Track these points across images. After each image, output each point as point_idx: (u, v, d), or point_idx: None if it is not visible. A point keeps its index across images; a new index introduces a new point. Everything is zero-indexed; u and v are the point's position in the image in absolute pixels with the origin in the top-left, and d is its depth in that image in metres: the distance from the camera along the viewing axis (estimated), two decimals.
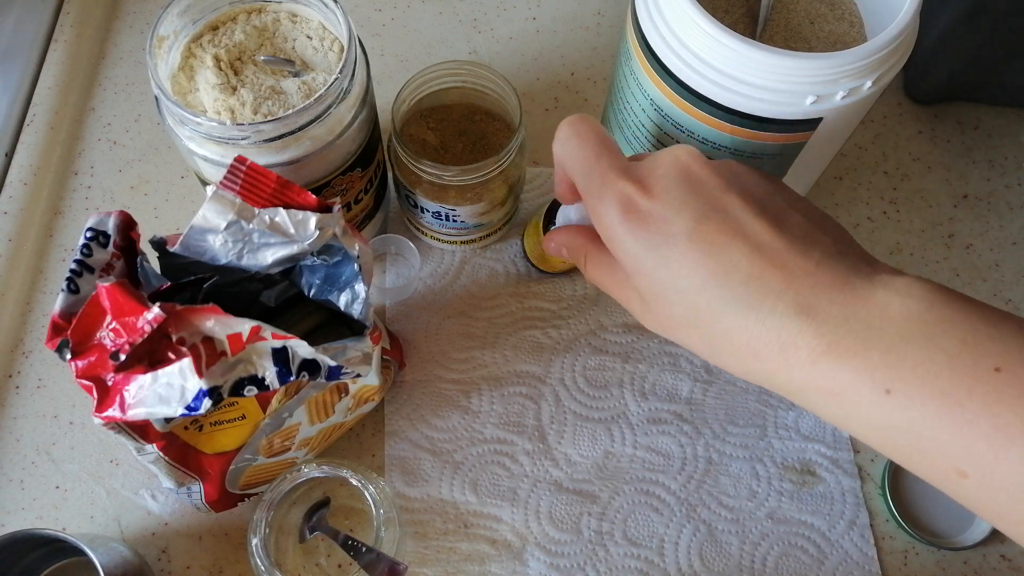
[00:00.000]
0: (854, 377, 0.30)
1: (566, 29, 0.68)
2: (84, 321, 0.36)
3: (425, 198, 0.51)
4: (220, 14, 0.46)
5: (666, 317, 0.35)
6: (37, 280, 0.57)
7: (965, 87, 0.63)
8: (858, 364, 0.29)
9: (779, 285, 0.31)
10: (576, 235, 0.41)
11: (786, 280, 0.31)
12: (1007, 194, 0.63)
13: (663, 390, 0.55)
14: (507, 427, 0.53)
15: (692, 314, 0.33)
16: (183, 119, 0.41)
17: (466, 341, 0.56)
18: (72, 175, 0.61)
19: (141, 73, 0.65)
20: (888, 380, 0.29)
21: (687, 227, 0.32)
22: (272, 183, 0.38)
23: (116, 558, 0.44)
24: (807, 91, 0.40)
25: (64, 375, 0.54)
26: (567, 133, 0.37)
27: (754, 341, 0.32)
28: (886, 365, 0.29)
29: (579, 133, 0.37)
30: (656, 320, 0.36)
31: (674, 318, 0.34)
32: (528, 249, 0.56)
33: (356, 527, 0.50)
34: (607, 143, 0.37)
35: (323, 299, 0.44)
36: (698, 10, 0.40)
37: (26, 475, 0.52)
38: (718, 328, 0.32)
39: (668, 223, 0.33)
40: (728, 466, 0.53)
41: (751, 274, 0.31)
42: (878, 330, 0.30)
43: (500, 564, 0.50)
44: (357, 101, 0.45)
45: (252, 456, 0.45)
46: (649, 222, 0.33)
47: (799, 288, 0.31)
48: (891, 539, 0.52)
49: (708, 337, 0.33)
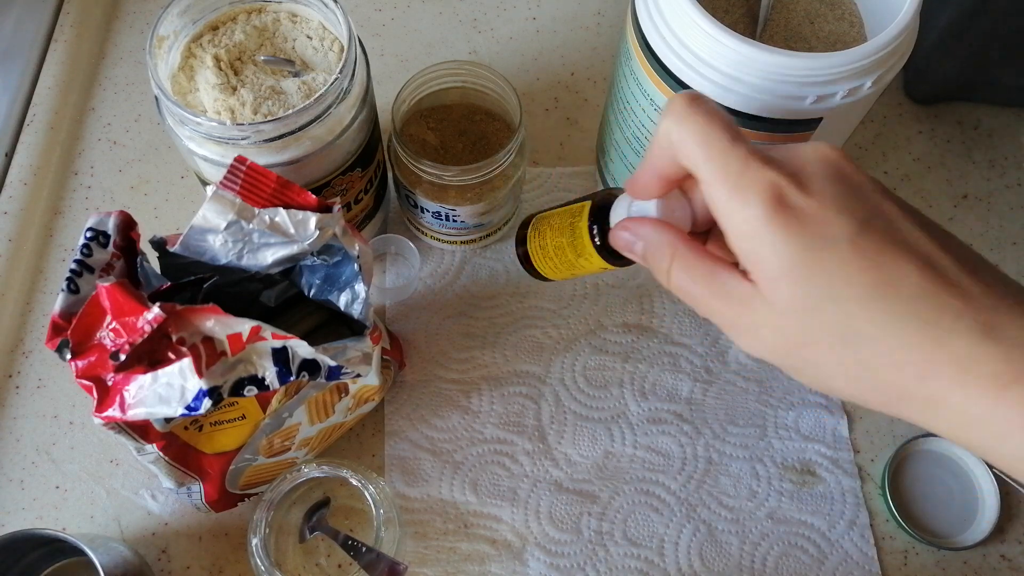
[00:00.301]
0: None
1: (566, 29, 0.68)
2: (84, 321, 0.36)
3: (425, 198, 0.51)
4: (220, 14, 0.46)
5: (803, 333, 0.30)
6: (37, 280, 0.57)
7: (965, 87, 0.63)
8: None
9: (957, 305, 0.28)
10: (664, 231, 0.34)
11: (963, 299, 0.28)
12: (1007, 194, 0.63)
13: (663, 390, 0.55)
14: (507, 427, 0.53)
15: (847, 329, 0.29)
16: (183, 119, 0.41)
17: (466, 341, 0.56)
18: (72, 175, 0.61)
19: (141, 73, 0.65)
20: None
21: (850, 231, 0.29)
22: (272, 183, 0.38)
23: (116, 558, 0.44)
24: (807, 91, 0.40)
25: (64, 375, 0.54)
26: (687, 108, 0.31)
27: (926, 363, 0.28)
28: None
29: (706, 110, 0.31)
30: (783, 339, 0.31)
31: (817, 335, 0.30)
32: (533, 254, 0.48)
33: (356, 527, 0.50)
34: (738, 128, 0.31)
35: (323, 299, 0.44)
36: (698, 10, 0.40)
37: (26, 475, 0.52)
38: (879, 347, 0.29)
39: (828, 224, 0.29)
40: (728, 466, 0.53)
41: (924, 289, 0.28)
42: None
43: (500, 564, 0.50)
44: (357, 101, 0.45)
45: (252, 456, 0.45)
46: (806, 222, 0.29)
47: (979, 308, 0.28)
48: (891, 539, 0.52)
49: (862, 359, 0.29)
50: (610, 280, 0.58)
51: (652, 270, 0.35)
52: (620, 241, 0.36)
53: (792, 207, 0.29)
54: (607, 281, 0.58)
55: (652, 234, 0.34)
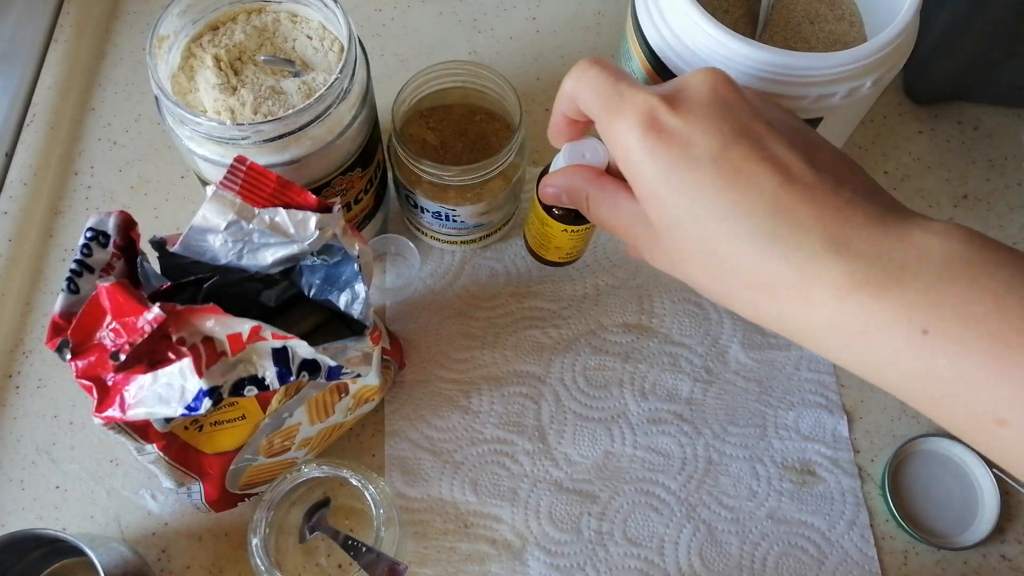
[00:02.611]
0: (887, 315, 0.28)
1: (566, 29, 0.68)
2: (84, 321, 0.36)
3: (425, 198, 0.51)
4: (220, 14, 0.46)
5: (676, 250, 0.32)
6: (37, 280, 0.57)
7: (965, 87, 0.63)
8: (892, 302, 0.27)
9: (808, 219, 0.29)
10: (574, 174, 0.37)
11: (816, 214, 0.29)
12: (1007, 194, 0.63)
13: (663, 390, 0.55)
14: (507, 427, 0.53)
15: (707, 246, 0.31)
16: (183, 119, 0.41)
17: (466, 341, 0.56)
18: (72, 175, 0.61)
19: (141, 73, 0.65)
20: (926, 320, 0.27)
21: (713, 150, 0.30)
22: (272, 183, 0.38)
23: (116, 558, 0.44)
24: (807, 91, 0.40)
25: (64, 375, 0.54)
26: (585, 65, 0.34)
27: (774, 277, 0.29)
28: (925, 304, 0.27)
29: (602, 65, 0.34)
30: (664, 254, 0.33)
31: (685, 251, 0.32)
32: (528, 238, 0.55)
33: (356, 527, 0.50)
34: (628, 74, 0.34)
35: (323, 299, 0.44)
36: (698, 10, 0.40)
37: (26, 475, 0.52)
38: (734, 263, 0.30)
39: (692, 144, 0.30)
40: (728, 466, 0.53)
41: (778, 206, 0.29)
42: (914, 269, 0.28)
43: (500, 564, 0.50)
44: (357, 101, 0.45)
45: (252, 456, 0.45)
46: (671, 142, 0.30)
47: (828, 223, 0.29)
48: (891, 539, 0.52)
49: (721, 273, 0.31)
50: (610, 280, 0.58)
51: (581, 212, 0.38)
52: (547, 195, 0.39)
53: (661, 128, 0.31)
54: (607, 281, 0.58)
55: (566, 179, 0.37)
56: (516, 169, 0.51)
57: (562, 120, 0.37)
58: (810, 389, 0.55)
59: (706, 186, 0.30)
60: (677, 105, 0.31)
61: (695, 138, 0.30)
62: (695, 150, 0.30)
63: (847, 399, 0.55)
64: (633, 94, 0.32)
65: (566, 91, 0.35)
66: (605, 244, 0.59)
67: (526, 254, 0.57)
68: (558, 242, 0.53)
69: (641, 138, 0.31)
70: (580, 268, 0.58)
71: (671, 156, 0.30)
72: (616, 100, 0.32)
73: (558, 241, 0.53)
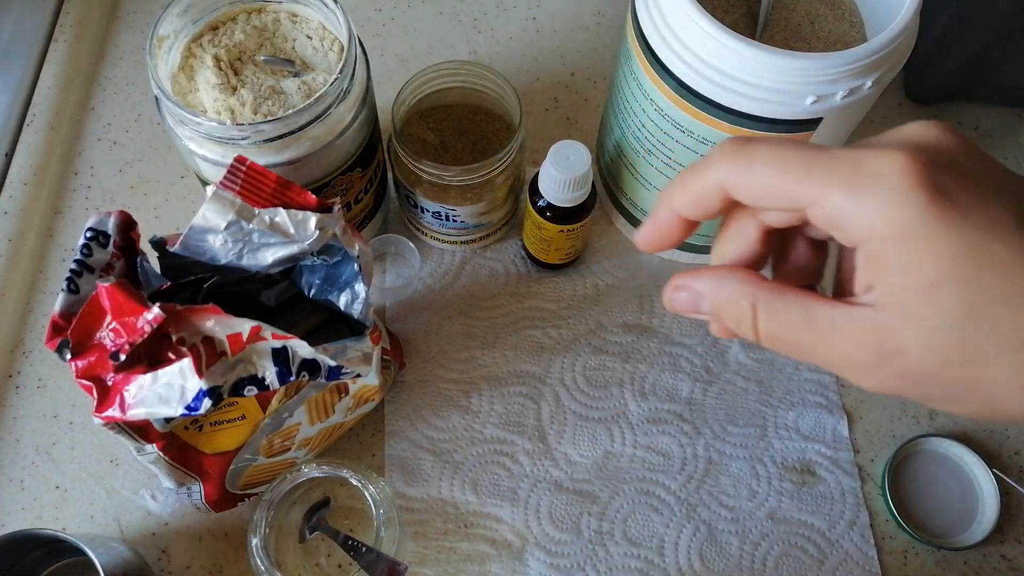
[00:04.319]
0: None
1: (566, 29, 0.68)
2: (84, 321, 0.36)
3: (425, 198, 0.51)
4: (220, 14, 0.46)
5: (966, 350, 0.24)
6: (37, 280, 0.57)
7: (965, 87, 0.63)
8: None
9: None
10: (729, 277, 0.27)
11: None
12: None
13: (663, 390, 0.55)
14: (507, 427, 0.53)
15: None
16: (183, 119, 0.41)
17: (466, 341, 0.56)
18: (72, 175, 0.61)
19: (141, 73, 0.65)
20: None
21: (1016, 215, 0.23)
22: (272, 183, 0.38)
23: (116, 558, 0.44)
24: (807, 91, 0.40)
25: (64, 375, 0.54)
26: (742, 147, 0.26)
27: None
28: None
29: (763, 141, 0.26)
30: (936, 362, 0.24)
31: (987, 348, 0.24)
32: (528, 245, 0.56)
33: (356, 527, 0.50)
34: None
35: (323, 299, 0.44)
36: (698, 10, 0.40)
37: (26, 475, 0.52)
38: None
39: (990, 209, 0.23)
40: (728, 466, 0.53)
41: None
42: None
43: (500, 564, 0.50)
44: (357, 101, 0.45)
45: (252, 456, 0.45)
46: (965, 208, 0.23)
47: None
48: (891, 539, 0.52)
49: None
50: (610, 280, 0.58)
51: (731, 327, 0.28)
52: (680, 304, 0.29)
53: (946, 192, 0.23)
54: (607, 281, 0.58)
55: (716, 286, 0.27)
56: (516, 169, 0.51)
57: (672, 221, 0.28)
58: (810, 389, 0.55)
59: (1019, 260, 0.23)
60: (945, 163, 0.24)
61: (990, 201, 0.24)
62: (994, 217, 0.23)
63: (847, 399, 0.55)
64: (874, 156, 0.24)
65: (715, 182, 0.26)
66: (605, 244, 0.59)
67: (526, 254, 0.58)
68: (557, 244, 0.54)
69: (926, 209, 0.23)
70: (580, 268, 0.58)
71: (967, 227, 0.23)
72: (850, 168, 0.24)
73: (557, 243, 0.54)
